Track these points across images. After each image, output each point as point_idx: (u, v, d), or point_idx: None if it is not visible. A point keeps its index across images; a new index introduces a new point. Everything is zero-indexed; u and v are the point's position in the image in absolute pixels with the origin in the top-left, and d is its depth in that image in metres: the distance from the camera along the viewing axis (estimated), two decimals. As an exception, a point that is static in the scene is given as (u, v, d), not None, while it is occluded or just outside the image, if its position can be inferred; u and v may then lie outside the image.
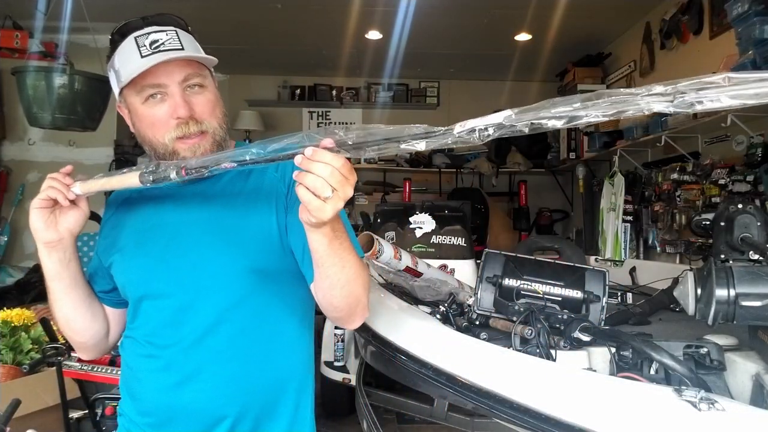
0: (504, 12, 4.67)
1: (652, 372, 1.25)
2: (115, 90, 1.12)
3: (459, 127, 0.80)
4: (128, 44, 1.07)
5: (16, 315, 2.32)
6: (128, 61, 1.05)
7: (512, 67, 6.00)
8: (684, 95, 0.64)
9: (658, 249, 4.09)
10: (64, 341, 2.04)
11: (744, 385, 1.26)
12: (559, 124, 0.72)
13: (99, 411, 2.13)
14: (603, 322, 1.55)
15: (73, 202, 1.06)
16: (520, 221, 6.12)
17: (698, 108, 0.63)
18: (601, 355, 1.40)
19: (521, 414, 1.12)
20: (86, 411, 2.14)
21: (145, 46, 1.05)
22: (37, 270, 5.44)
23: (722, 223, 1.32)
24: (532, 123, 0.73)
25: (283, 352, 1.14)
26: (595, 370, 1.37)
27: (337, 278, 0.99)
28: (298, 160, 0.84)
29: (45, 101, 3.18)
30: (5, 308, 2.37)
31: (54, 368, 2.00)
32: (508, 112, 0.76)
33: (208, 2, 4.53)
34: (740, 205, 1.32)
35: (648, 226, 4.24)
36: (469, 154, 6.60)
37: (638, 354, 1.28)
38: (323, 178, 0.83)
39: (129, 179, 1.01)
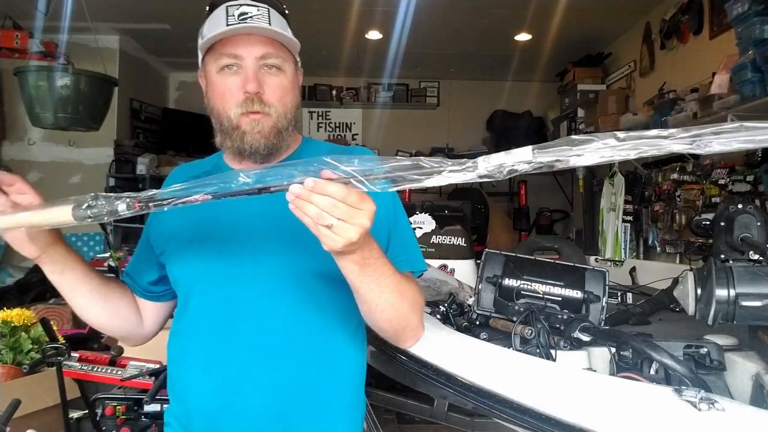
0: (504, 12, 4.68)
1: (652, 372, 1.25)
2: (199, 58, 1.12)
3: (483, 163, 0.76)
4: (219, 12, 1.07)
5: (16, 315, 2.32)
6: (214, 27, 1.05)
7: (512, 67, 6.00)
8: (701, 138, 0.68)
9: (658, 249, 4.09)
10: (64, 341, 2.04)
11: (744, 385, 1.26)
12: (584, 162, 0.72)
13: (99, 411, 2.13)
14: (603, 322, 1.55)
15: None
16: (520, 221, 6.12)
17: (714, 149, 0.68)
18: (601, 355, 1.40)
19: (521, 414, 1.12)
20: (86, 411, 2.14)
21: (233, 15, 1.04)
22: (37, 270, 5.45)
23: (722, 223, 1.32)
24: (557, 160, 0.73)
25: (338, 361, 1.09)
26: (595, 370, 1.36)
27: (375, 303, 0.95)
28: (295, 190, 0.78)
29: (47, 101, 3.18)
30: (5, 308, 2.37)
31: (54, 368, 2.00)
32: (531, 149, 0.74)
33: (208, 2, 4.52)
34: (740, 205, 1.31)
35: (648, 226, 4.24)
36: (469, 153, 6.60)
37: (638, 354, 1.28)
38: (322, 209, 0.78)
39: (58, 215, 0.87)
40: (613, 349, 1.35)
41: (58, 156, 5.73)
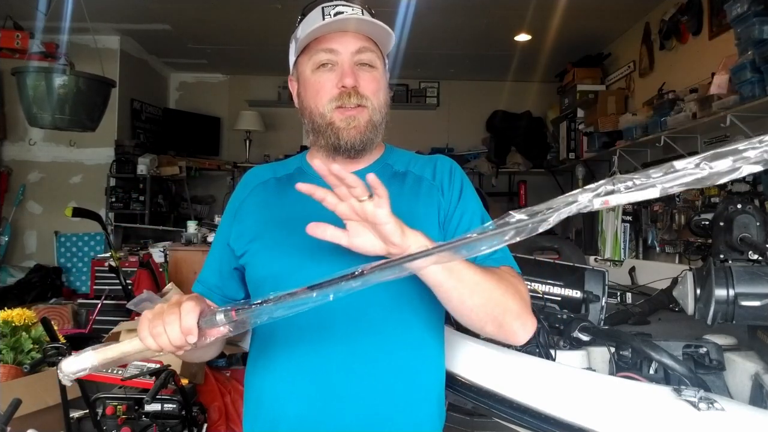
0: (504, 12, 4.68)
1: (652, 372, 1.25)
2: (291, 60, 1.13)
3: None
4: (314, 13, 1.09)
5: (16, 315, 2.32)
6: (310, 26, 1.06)
7: (512, 68, 6.01)
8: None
9: (658, 249, 4.09)
10: (64, 341, 2.04)
11: (743, 384, 1.26)
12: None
13: (99, 410, 2.13)
14: (602, 322, 1.55)
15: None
16: (519, 221, 6.12)
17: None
18: (601, 354, 1.40)
19: (521, 414, 1.12)
20: (87, 411, 2.14)
21: (329, 15, 1.06)
22: (37, 270, 5.45)
23: (721, 223, 1.32)
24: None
25: (428, 367, 1.06)
26: (594, 370, 1.37)
27: (460, 293, 0.93)
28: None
29: (45, 102, 3.18)
30: (6, 308, 2.37)
31: (55, 368, 2.00)
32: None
33: (208, 2, 4.53)
34: (739, 205, 1.31)
35: (647, 226, 4.25)
36: (469, 154, 6.62)
37: (638, 354, 1.28)
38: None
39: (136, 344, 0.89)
40: (613, 349, 1.36)
41: (58, 156, 5.73)
